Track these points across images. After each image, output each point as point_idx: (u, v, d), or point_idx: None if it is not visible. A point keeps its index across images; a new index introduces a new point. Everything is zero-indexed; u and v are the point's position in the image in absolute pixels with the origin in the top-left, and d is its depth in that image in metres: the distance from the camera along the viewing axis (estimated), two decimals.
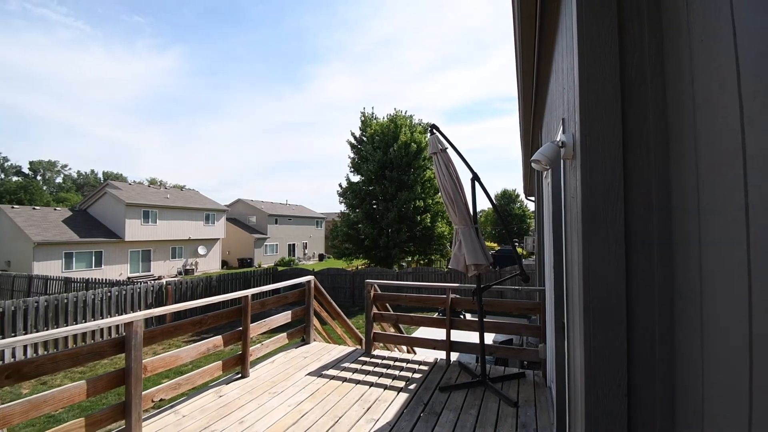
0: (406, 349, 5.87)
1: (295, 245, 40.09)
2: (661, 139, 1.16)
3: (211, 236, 31.65)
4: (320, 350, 5.04)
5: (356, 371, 4.32)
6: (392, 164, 21.29)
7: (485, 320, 4.00)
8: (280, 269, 20.08)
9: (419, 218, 20.92)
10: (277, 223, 37.87)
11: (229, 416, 3.26)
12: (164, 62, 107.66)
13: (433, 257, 23.01)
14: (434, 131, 3.77)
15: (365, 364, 4.56)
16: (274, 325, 4.69)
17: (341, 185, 23.27)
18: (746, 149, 0.71)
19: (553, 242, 2.64)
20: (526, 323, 5.13)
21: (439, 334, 4.68)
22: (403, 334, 5.77)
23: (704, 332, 0.91)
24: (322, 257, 41.92)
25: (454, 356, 4.57)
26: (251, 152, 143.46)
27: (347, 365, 4.50)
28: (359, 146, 22.96)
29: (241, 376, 4.13)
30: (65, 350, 2.71)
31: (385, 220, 20.98)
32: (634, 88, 1.20)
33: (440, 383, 3.96)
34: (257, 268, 26.45)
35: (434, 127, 3.79)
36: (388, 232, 21.29)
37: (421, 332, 9.84)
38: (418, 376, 4.18)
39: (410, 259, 23.56)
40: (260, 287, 4.76)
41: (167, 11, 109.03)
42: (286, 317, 4.90)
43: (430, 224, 21.28)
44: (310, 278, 5.36)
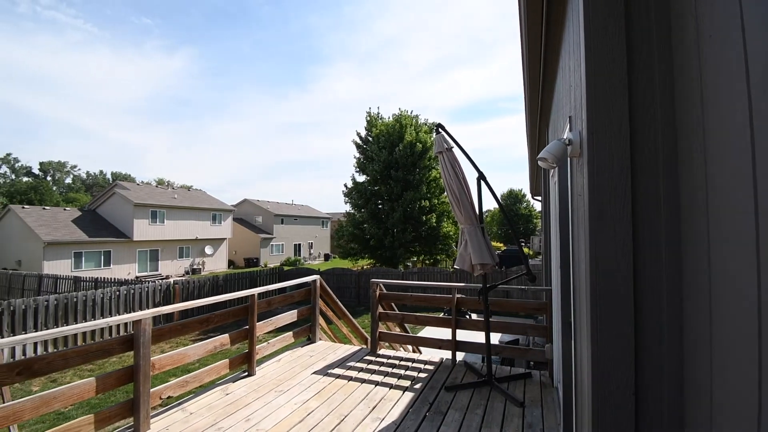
0: (411, 348, 5.86)
1: (300, 245, 40.25)
2: (669, 135, 1.14)
3: (217, 236, 31.88)
4: (326, 349, 5.06)
5: (362, 370, 4.33)
6: (398, 164, 21.28)
7: (491, 320, 3.99)
8: (286, 269, 20.17)
9: (425, 218, 20.89)
10: (283, 223, 38.04)
11: (235, 414, 3.29)
12: (172, 63, 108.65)
13: (438, 257, 22.95)
14: (440, 130, 3.77)
15: (371, 363, 4.57)
16: (280, 324, 4.71)
17: (346, 185, 23.31)
18: (755, 145, 0.70)
19: (560, 241, 2.62)
20: (532, 323, 5.10)
21: (444, 333, 4.68)
22: (408, 333, 5.77)
23: (713, 330, 0.90)
24: (327, 257, 42.03)
25: (459, 356, 4.56)
26: (257, 152, 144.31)
27: (353, 364, 4.51)
28: (365, 146, 22.98)
29: (247, 374, 4.16)
30: (75, 347, 2.75)
31: (390, 220, 20.98)
32: (641, 84, 1.19)
33: (446, 383, 3.95)
34: (263, 267, 26.54)
35: (440, 126, 3.78)
36: (393, 232, 21.28)
37: (426, 332, 9.84)
38: (423, 375, 4.18)
39: (416, 259, 23.52)
40: (266, 286, 4.78)
41: (175, 13, 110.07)
42: (292, 316, 4.92)
43: (435, 224, 21.23)
44: (315, 277, 5.38)
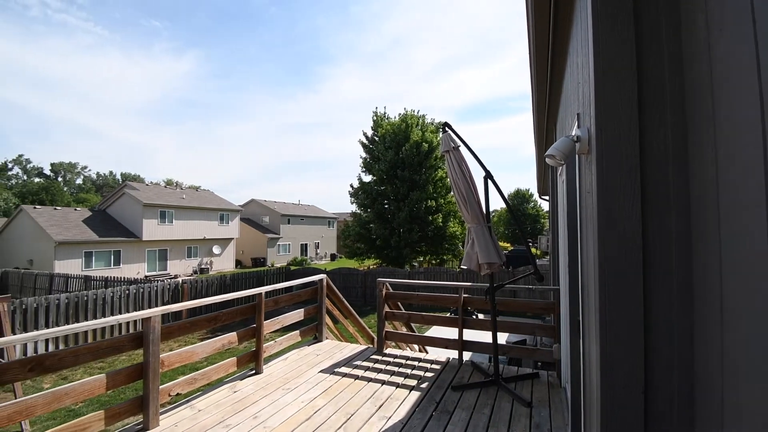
0: (418, 348, 5.86)
1: (307, 245, 40.39)
2: (678, 131, 1.13)
3: (225, 236, 32.12)
4: (332, 348, 5.08)
5: (368, 369, 4.34)
6: (404, 164, 21.27)
7: (498, 320, 3.97)
8: (292, 268, 20.25)
9: (431, 218, 20.86)
10: (289, 223, 38.21)
11: (243, 411, 3.31)
12: (180, 65, 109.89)
13: (445, 257, 22.90)
14: (447, 129, 3.76)
15: (377, 362, 4.57)
16: (287, 322, 4.74)
17: (353, 185, 23.37)
18: (767, 141, 0.69)
19: (568, 239, 2.60)
20: (540, 323, 5.06)
21: (451, 333, 4.66)
22: (414, 333, 5.76)
23: (724, 328, 0.89)
24: (334, 257, 42.13)
25: (466, 356, 4.54)
26: (264, 153, 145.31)
27: (359, 363, 4.52)
28: (371, 146, 23.01)
29: (255, 372, 4.18)
30: (86, 344, 2.79)
31: (396, 219, 20.99)
32: (650, 80, 1.17)
33: (453, 382, 3.94)
34: (270, 267, 26.71)
35: (446, 125, 3.77)
36: (399, 231, 21.28)
37: (433, 331, 9.81)
38: (430, 375, 4.17)
39: (422, 259, 23.50)
40: (273, 285, 4.81)
41: (183, 15, 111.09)
42: (298, 315, 4.95)
43: (441, 224, 21.20)
44: (322, 277, 5.40)
